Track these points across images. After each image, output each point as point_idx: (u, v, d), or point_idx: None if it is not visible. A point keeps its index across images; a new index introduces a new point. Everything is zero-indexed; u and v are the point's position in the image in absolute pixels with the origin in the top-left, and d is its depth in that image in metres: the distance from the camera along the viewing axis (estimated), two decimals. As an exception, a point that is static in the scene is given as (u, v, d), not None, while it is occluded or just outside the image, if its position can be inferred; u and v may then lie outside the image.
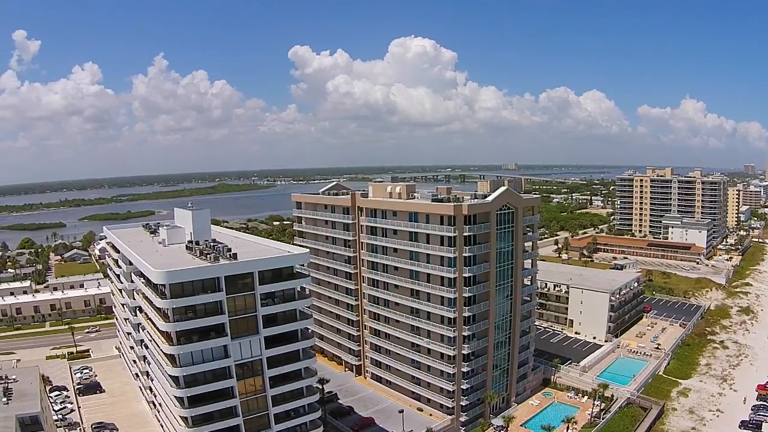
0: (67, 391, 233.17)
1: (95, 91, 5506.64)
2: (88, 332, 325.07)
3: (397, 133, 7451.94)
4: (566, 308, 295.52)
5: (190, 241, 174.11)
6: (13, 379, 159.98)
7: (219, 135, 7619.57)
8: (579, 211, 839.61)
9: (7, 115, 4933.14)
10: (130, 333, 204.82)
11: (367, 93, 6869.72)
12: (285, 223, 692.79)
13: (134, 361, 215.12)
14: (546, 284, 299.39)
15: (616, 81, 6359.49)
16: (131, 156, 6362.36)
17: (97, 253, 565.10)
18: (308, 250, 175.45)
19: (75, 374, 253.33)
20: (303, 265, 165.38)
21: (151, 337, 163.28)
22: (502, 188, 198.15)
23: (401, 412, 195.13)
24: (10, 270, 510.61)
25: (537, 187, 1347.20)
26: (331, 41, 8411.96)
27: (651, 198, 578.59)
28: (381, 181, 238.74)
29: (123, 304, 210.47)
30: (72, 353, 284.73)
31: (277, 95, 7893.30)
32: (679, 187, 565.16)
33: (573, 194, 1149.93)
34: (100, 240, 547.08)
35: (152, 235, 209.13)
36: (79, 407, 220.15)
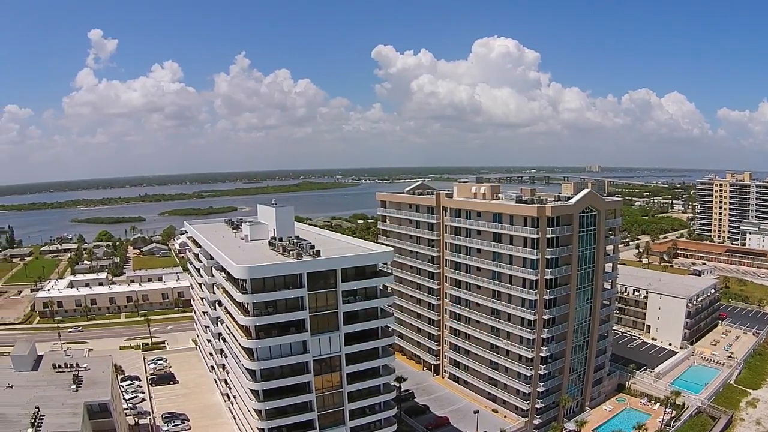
0: (140, 380, 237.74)
1: (176, 89, 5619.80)
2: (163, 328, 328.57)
3: (481, 133, 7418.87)
4: (644, 313, 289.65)
5: (273, 238, 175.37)
6: (85, 367, 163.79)
7: (303, 133, 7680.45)
8: (660, 215, 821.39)
9: (85, 111, 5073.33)
10: (208, 326, 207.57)
11: (452, 93, 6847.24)
12: (369, 221, 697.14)
13: (210, 354, 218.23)
14: (626, 288, 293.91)
15: (696, 82, 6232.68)
16: (213, 153, 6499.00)
17: (177, 247, 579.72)
18: (392, 248, 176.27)
19: (149, 365, 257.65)
20: (386, 264, 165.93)
21: (229, 330, 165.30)
22: (585, 190, 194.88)
23: (476, 412, 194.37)
24: (86, 262, 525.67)
25: (619, 189, 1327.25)
26: (414, 41, 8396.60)
27: (730, 203, 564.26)
28: (466, 182, 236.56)
29: (202, 298, 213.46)
30: (147, 344, 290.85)
31: (361, 94, 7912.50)
32: (757, 192, 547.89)
33: (655, 198, 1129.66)
34: (181, 234, 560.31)
35: (235, 230, 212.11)
36: (150, 397, 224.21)
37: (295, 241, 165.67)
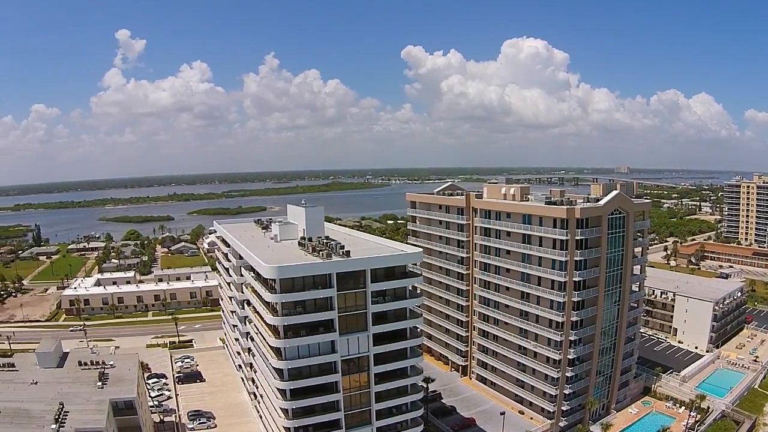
0: (166, 378, 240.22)
1: (205, 89, 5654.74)
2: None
3: (511, 134, 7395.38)
4: (671, 316, 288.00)
5: (303, 238, 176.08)
6: (111, 365, 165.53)
7: (333, 133, 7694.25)
8: (688, 218, 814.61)
9: (113, 111, 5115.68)
10: (236, 325, 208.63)
11: (482, 94, 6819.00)
12: (399, 222, 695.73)
13: (238, 353, 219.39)
14: (653, 291, 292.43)
15: (724, 83, 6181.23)
16: (243, 153, 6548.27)
17: (206, 246, 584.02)
18: (421, 249, 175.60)
19: (176, 363, 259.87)
20: (416, 265, 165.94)
21: (257, 329, 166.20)
22: (614, 192, 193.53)
23: (503, 414, 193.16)
24: (114, 260, 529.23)
25: (648, 191, 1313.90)
26: (443, 41, 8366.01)
27: (757, 205, 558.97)
28: (495, 182, 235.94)
29: (231, 297, 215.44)
30: (174, 343, 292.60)
31: (391, 95, 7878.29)
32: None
33: (683, 200, 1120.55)
34: (209, 234, 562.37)
35: (264, 230, 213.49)
36: (177, 395, 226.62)
37: (324, 241, 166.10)
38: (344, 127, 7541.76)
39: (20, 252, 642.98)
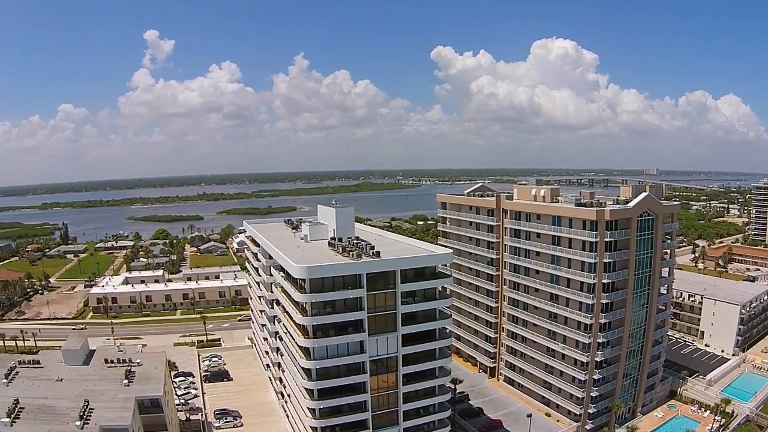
0: (193, 377, 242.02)
1: (234, 89, 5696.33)
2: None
3: (541, 135, 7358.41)
4: (698, 319, 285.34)
5: (333, 238, 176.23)
6: (137, 363, 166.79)
7: (363, 134, 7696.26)
8: (716, 220, 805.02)
9: (141, 111, 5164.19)
10: (265, 325, 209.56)
11: (512, 95, 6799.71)
12: (429, 222, 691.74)
13: (266, 352, 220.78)
14: (681, 294, 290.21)
15: (751, 85, 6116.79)
16: (273, 153, 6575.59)
17: (235, 246, 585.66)
18: (451, 250, 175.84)
19: (203, 362, 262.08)
20: (446, 265, 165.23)
21: (286, 329, 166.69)
22: (643, 194, 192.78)
23: (529, 416, 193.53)
24: (142, 259, 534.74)
25: (677, 193, 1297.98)
26: (473, 42, 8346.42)
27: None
28: (526, 184, 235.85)
29: (260, 297, 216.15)
30: (202, 341, 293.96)
31: (421, 95, 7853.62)
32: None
33: (711, 202, 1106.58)
34: (239, 233, 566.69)
35: (294, 230, 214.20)
36: (203, 393, 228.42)
37: (354, 241, 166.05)
38: (374, 128, 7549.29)
39: (47, 250, 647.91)
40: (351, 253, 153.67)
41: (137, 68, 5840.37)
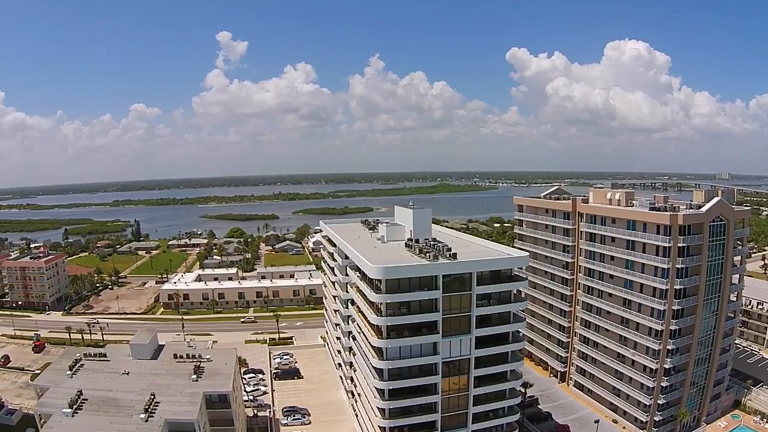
0: (263, 374, 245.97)
1: (310, 90, 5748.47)
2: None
3: (616, 138, 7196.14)
4: (766, 328, 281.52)
5: (410, 239, 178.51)
6: (207, 358, 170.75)
7: (440, 135, 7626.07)
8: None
9: (216, 111, 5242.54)
10: (339, 324, 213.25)
11: (587, 97, 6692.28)
12: (506, 225, 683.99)
13: (339, 352, 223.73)
14: (750, 301, 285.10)
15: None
16: (349, 153, 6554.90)
17: (311, 245, 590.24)
18: (527, 253, 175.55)
19: (274, 359, 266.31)
20: (521, 268, 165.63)
21: (360, 329, 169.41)
22: (716, 199, 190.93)
23: (597, 422, 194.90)
24: (216, 257, 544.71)
25: (748, 198, 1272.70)
26: (547, 44, 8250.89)
27: None
28: (601, 187, 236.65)
29: (335, 296, 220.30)
30: (274, 339, 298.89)
31: (497, 97, 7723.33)
32: None
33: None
34: (315, 233, 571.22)
35: (371, 231, 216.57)
36: (273, 390, 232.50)
37: (431, 243, 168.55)
38: (451, 129, 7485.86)
39: (118, 246, 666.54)
40: (427, 254, 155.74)
41: (210, 69, 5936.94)
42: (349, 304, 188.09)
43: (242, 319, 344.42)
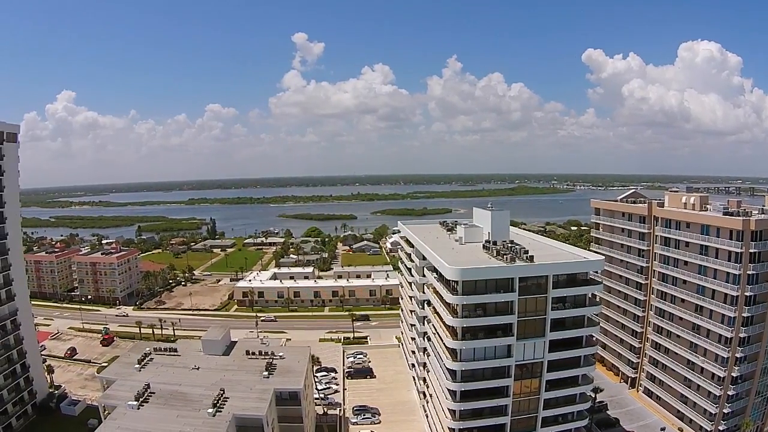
0: (336, 373, 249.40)
1: (388, 91, 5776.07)
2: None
3: (690, 140, 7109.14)
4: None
5: (488, 241, 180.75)
6: (280, 356, 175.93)
7: (518, 137, 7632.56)
8: None
9: (293, 111, 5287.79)
10: (414, 325, 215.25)
11: (662, 99, 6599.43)
12: (583, 228, 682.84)
13: (413, 352, 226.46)
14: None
15: None
16: (428, 154, 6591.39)
17: (389, 246, 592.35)
18: (603, 257, 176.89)
19: (347, 358, 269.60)
20: (597, 272, 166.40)
21: (435, 330, 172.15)
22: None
23: (663, 429, 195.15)
24: (292, 256, 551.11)
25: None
26: (621, 45, 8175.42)
27: None
28: (677, 191, 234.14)
29: (411, 297, 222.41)
30: (348, 338, 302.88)
31: (574, 99, 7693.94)
32: None
33: None
34: (393, 233, 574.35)
35: (449, 232, 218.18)
36: (344, 389, 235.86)
37: (509, 245, 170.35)
38: (529, 131, 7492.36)
39: (193, 244, 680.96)
40: (505, 256, 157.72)
41: (287, 70, 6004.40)
42: (425, 305, 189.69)
43: (261, 318, 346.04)
